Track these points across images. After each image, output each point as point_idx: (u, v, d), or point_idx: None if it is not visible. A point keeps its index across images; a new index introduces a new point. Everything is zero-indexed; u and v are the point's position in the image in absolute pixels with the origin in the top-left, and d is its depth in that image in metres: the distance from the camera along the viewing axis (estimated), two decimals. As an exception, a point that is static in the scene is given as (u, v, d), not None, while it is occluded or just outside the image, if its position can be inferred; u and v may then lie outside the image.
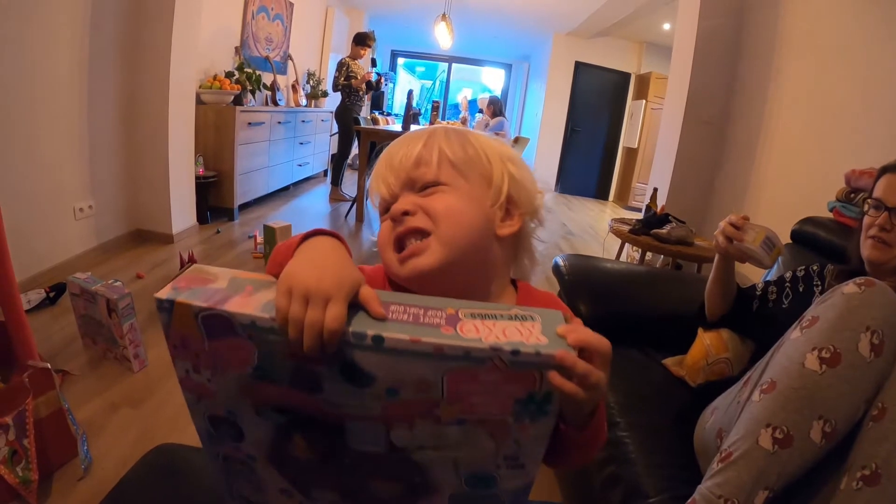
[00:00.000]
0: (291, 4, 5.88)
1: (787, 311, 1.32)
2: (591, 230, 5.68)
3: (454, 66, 11.93)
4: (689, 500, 0.87)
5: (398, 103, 11.14)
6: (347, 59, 5.53)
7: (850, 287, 0.89)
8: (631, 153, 8.09)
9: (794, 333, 0.93)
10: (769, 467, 0.83)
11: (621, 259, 3.56)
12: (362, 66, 5.71)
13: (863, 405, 0.83)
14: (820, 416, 0.82)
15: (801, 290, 1.34)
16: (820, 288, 1.32)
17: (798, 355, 0.88)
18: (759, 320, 1.36)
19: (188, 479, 0.87)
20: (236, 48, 4.83)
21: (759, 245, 1.17)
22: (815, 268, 1.37)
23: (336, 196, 5.62)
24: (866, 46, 2.36)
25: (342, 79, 5.43)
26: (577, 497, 1.27)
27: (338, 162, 5.67)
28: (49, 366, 1.45)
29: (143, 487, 0.85)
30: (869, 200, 1.22)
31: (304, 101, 6.13)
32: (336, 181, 5.69)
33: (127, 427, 1.69)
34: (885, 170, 1.22)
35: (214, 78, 4.19)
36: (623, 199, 8.04)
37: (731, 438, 0.89)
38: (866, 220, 1.21)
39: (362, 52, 5.58)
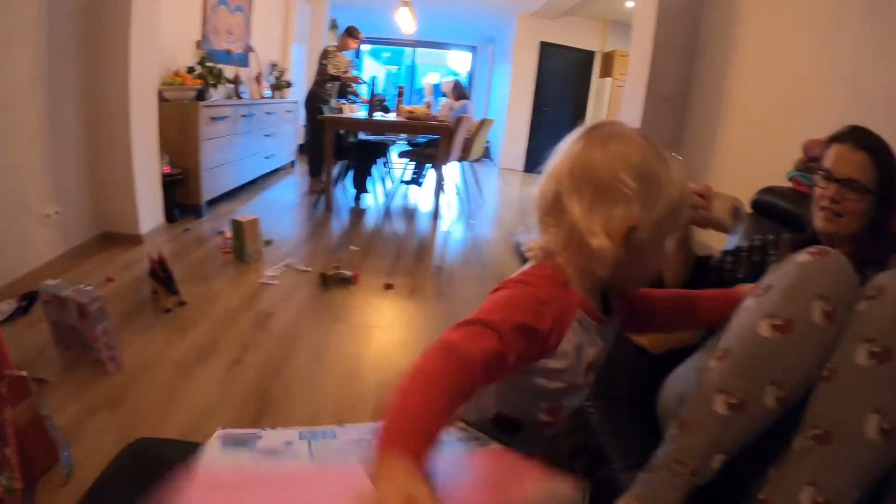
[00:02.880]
0: (251, -4, 5.84)
1: (742, 281, 1.32)
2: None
3: (419, 50, 11.91)
4: (647, 465, 0.90)
5: (364, 89, 11.12)
6: (332, 49, 5.58)
7: (803, 256, 0.91)
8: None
9: (748, 301, 0.95)
10: (724, 432, 0.85)
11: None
12: (346, 59, 5.74)
13: (816, 370, 0.85)
14: (773, 382, 0.84)
15: (756, 260, 1.37)
16: (775, 258, 1.35)
17: (751, 323, 0.89)
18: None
19: (165, 471, 0.92)
20: (197, 42, 4.79)
21: (728, 214, 1.22)
22: (770, 238, 1.40)
23: (314, 188, 5.59)
24: (823, 19, 2.41)
25: (330, 67, 5.49)
26: (546, 465, 1.33)
27: (312, 152, 5.64)
28: (26, 374, 1.49)
29: (121, 482, 0.89)
30: (819, 172, 1.22)
31: (267, 93, 6.10)
32: (315, 172, 5.64)
33: (106, 429, 1.73)
34: (833, 139, 1.22)
35: (176, 74, 4.16)
36: (591, 176, 8.14)
37: (688, 405, 0.91)
38: (817, 191, 1.22)
39: (351, 44, 5.64)
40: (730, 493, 0.89)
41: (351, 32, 5.60)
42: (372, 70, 12.98)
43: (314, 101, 5.49)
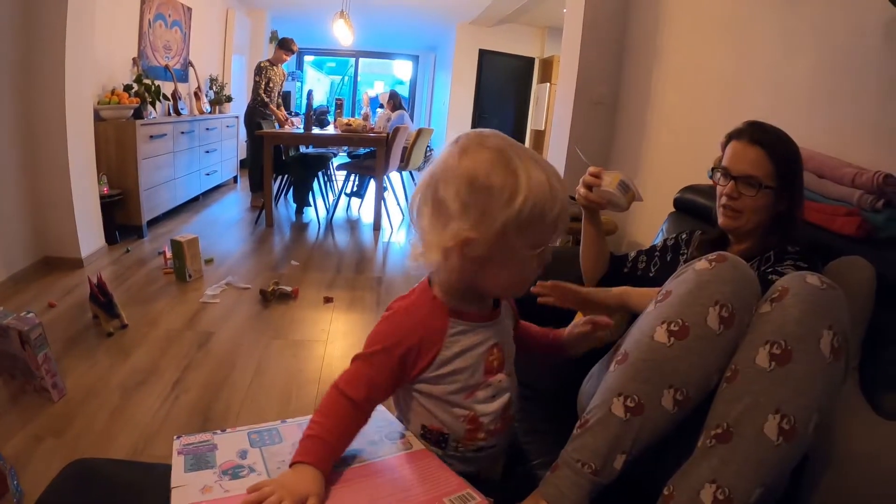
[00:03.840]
0: (189, 9, 5.84)
1: (653, 279, 1.40)
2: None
3: (363, 60, 11.97)
4: (553, 464, 0.91)
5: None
6: (266, 64, 5.58)
7: (701, 263, 0.92)
8: (539, 135, 8.42)
9: (649, 307, 0.96)
10: (624, 433, 0.86)
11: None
12: (283, 71, 5.78)
13: (715, 373, 0.87)
14: (670, 385, 0.86)
15: (668, 258, 1.44)
16: (685, 256, 1.42)
17: (648, 328, 0.91)
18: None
19: (105, 489, 0.95)
20: (134, 59, 4.79)
21: (616, 187, 1.25)
22: (683, 236, 1.45)
23: (256, 203, 5.59)
24: (740, 19, 2.50)
25: (262, 84, 5.50)
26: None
27: (252, 167, 5.65)
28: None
29: (62, 501, 0.94)
30: (719, 168, 1.25)
31: (207, 108, 6.12)
32: (257, 187, 5.66)
33: (53, 456, 1.79)
34: (730, 137, 1.25)
35: (112, 93, 4.16)
36: (532, 181, 8.34)
37: (590, 406, 0.92)
38: (718, 188, 1.25)
39: (285, 56, 5.65)
40: (635, 486, 0.92)
41: (283, 45, 5.62)
42: (315, 81, 12.98)
43: (253, 115, 5.53)
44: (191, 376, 2.33)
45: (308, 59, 11.95)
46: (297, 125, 5.70)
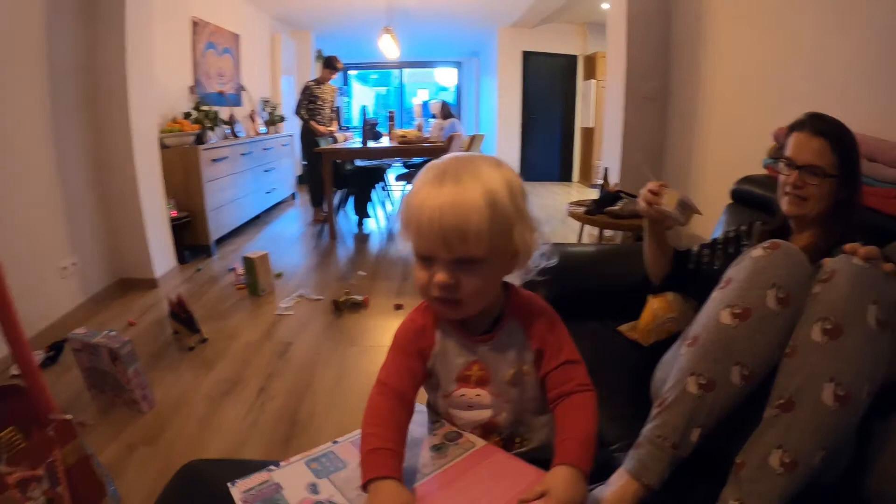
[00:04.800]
0: (237, 36, 5.99)
1: (718, 272, 1.39)
2: (560, 214, 5.83)
3: (406, 70, 12.07)
4: (636, 442, 0.99)
5: (356, 117, 11.28)
6: (311, 84, 5.65)
7: (757, 251, 1.02)
8: (588, 132, 8.30)
9: (714, 294, 1.06)
10: (698, 409, 0.95)
11: (582, 239, 3.75)
12: (330, 89, 5.82)
13: (777, 349, 0.95)
14: (737, 363, 0.95)
15: (730, 251, 1.46)
16: (749, 246, 1.41)
17: (714, 313, 1.01)
18: (695, 282, 1.47)
19: (219, 488, 1.00)
20: (190, 88, 4.93)
21: (675, 207, 1.28)
22: (743, 228, 1.49)
23: (318, 217, 5.72)
24: (789, 7, 2.46)
25: (305, 103, 5.56)
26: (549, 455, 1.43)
27: (311, 183, 5.75)
28: (70, 417, 1.59)
29: (180, 500, 0.98)
30: (783, 159, 1.29)
31: (262, 129, 6.26)
32: (316, 202, 5.79)
33: (147, 463, 1.84)
34: (792, 128, 1.30)
35: (174, 121, 4.31)
36: (587, 178, 8.26)
37: (666, 387, 1.02)
38: (781, 177, 1.30)
39: (332, 75, 5.70)
40: (710, 460, 0.98)
41: (328, 63, 5.66)
42: (361, 94, 13.16)
43: (307, 134, 5.62)
44: (274, 384, 2.35)
45: (352, 73, 12.12)
46: (349, 139, 5.76)
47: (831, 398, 0.87)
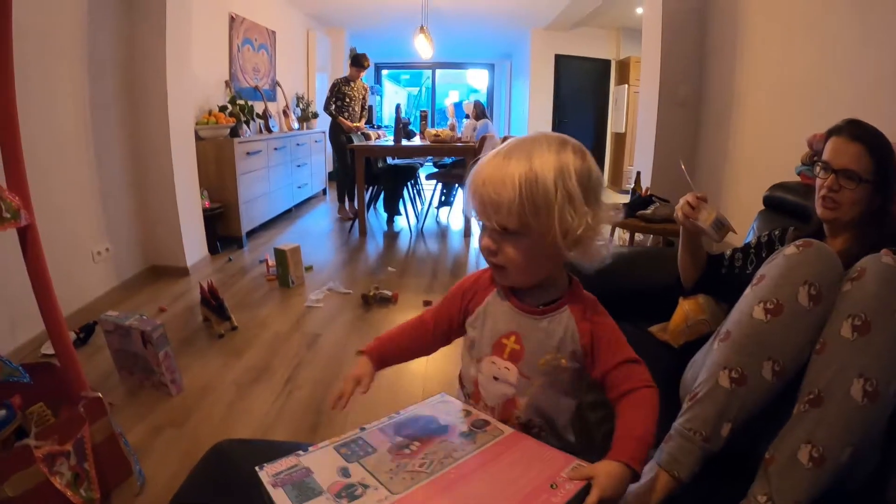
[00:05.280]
0: (273, 33, 6.05)
1: (750, 276, 1.43)
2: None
3: (438, 71, 12.09)
4: (667, 436, 1.01)
5: (387, 115, 11.33)
6: (340, 81, 5.65)
7: (790, 249, 1.04)
8: (619, 138, 8.22)
9: (747, 291, 1.09)
10: (730, 403, 0.97)
11: (614, 241, 3.69)
12: (360, 86, 5.78)
13: (807, 346, 0.97)
14: (769, 358, 0.97)
15: (763, 255, 1.45)
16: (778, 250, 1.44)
17: (748, 308, 1.03)
18: (727, 285, 1.47)
19: (249, 468, 0.99)
20: (226, 82, 5.00)
21: (710, 225, 1.30)
22: (776, 232, 1.49)
23: (343, 214, 5.78)
24: (824, 14, 2.44)
25: (333, 100, 5.57)
26: (582, 451, 1.41)
27: (339, 179, 5.80)
28: (101, 395, 1.60)
29: (208, 480, 0.98)
30: (819, 163, 1.30)
31: (295, 125, 6.29)
32: (342, 198, 5.83)
33: (173, 445, 1.84)
34: (830, 133, 1.30)
35: (210, 114, 4.36)
36: (617, 183, 8.17)
37: (698, 381, 1.04)
38: (817, 181, 1.31)
39: (360, 72, 5.67)
40: (741, 455, 0.99)
41: (355, 61, 5.63)
42: (393, 93, 13.21)
43: (335, 130, 5.62)
44: (302, 374, 2.34)
45: (384, 72, 12.17)
46: (382, 136, 5.76)
47: (860, 393, 0.88)
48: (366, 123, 5.96)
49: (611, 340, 0.89)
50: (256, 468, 0.79)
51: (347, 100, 5.62)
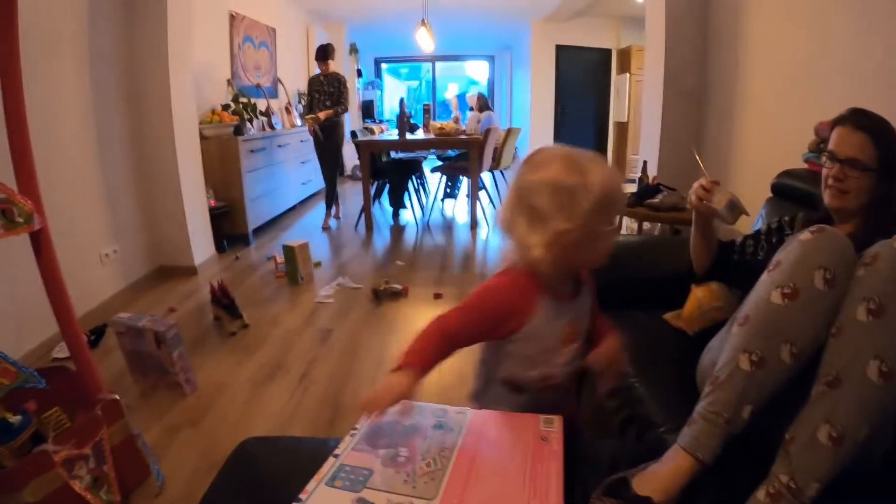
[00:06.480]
0: (273, 30, 6.03)
1: (762, 262, 1.44)
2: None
3: (438, 64, 12.05)
4: (689, 420, 1.03)
5: (388, 110, 11.30)
6: (309, 81, 5.22)
7: (805, 234, 1.05)
8: (621, 127, 8.20)
9: (763, 276, 1.10)
10: (750, 385, 0.99)
11: (621, 230, 3.68)
12: (332, 77, 5.14)
13: (824, 329, 0.99)
14: (787, 341, 0.99)
15: (774, 241, 1.47)
16: (791, 236, 1.43)
17: (765, 293, 1.04)
18: (739, 272, 1.49)
19: (277, 464, 0.99)
20: (228, 80, 4.98)
21: (724, 206, 1.32)
22: (786, 219, 1.50)
23: (327, 223, 5.28)
24: (819, 1, 2.45)
25: (306, 102, 5.23)
26: (599, 437, 1.42)
27: (325, 181, 5.33)
28: (118, 397, 1.59)
29: (236, 479, 0.98)
30: (825, 153, 1.33)
31: (298, 122, 6.27)
32: (329, 202, 5.38)
33: (191, 444, 1.84)
34: (836, 122, 1.32)
35: (213, 112, 4.34)
36: (621, 172, 8.15)
37: (718, 365, 1.05)
38: (824, 171, 1.33)
39: (327, 64, 5.12)
40: (761, 437, 1.01)
41: (318, 54, 5.10)
42: (393, 87, 13.17)
43: (337, 129, 5.18)
44: (316, 369, 2.34)
45: (384, 66, 12.12)
46: (385, 130, 5.70)
47: (876, 374, 0.91)
48: (365, 119, 5.81)
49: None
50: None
51: (318, 95, 5.10)
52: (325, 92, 5.08)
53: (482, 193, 5.42)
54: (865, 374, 0.91)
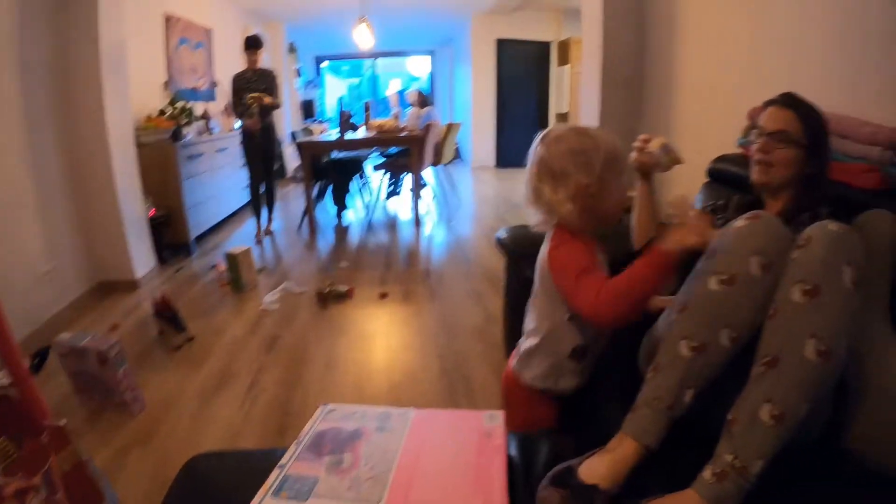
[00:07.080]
0: (209, 30, 5.92)
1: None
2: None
3: (380, 60, 12.00)
4: (632, 407, 1.06)
5: (330, 108, 11.20)
6: (234, 79, 4.72)
7: (739, 222, 1.09)
8: (562, 118, 8.34)
9: (700, 263, 1.13)
10: (690, 370, 1.03)
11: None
12: (261, 71, 4.74)
13: (761, 312, 1.02)
14: (726, 326, 1.03)
15: None
16: (722, 220, 1.52)
17: (703, 281, 1.08)
18: None
19: (226, 479, 1.01)
20: (164, 84, 4.87)
21: (659, 149, 1.42)
22: (721, 202, 1.57)
23: (259, 236, 4.91)
24: None
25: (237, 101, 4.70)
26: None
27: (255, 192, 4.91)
28: (64, 422, 1.59)
29: (185, 499, 0.99)
30: (755, 129, 1.39)
31: (237, 124, 6.17)
32: (256, 211, 4.93)
33: (142, 464, 1.84)
34: (769, 103, 1.39)
35: (149, 118, 4.25)
36: (563, 163, 8.28)
37: (660, 353, 1.09)
38: (752, 148, 1.39)
39: (256, 56, 4.67)
40: (705, 419, 1.03)
41: (247, 45, 4.66)
42: (334, 85, 13.06)
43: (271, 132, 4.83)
44: (265, 377, 2.37)
45: (324, 64, 12.00)
46: (325, 131, 5.66)
47: (813, 353, 0.93)
48: (305, 119, 5.69)
49: None
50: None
51: (247, 94, 4.58)
52: (256, 89, 4.56)
53: (425, 190, 5.47)
54: (803, 354, 0.94)
